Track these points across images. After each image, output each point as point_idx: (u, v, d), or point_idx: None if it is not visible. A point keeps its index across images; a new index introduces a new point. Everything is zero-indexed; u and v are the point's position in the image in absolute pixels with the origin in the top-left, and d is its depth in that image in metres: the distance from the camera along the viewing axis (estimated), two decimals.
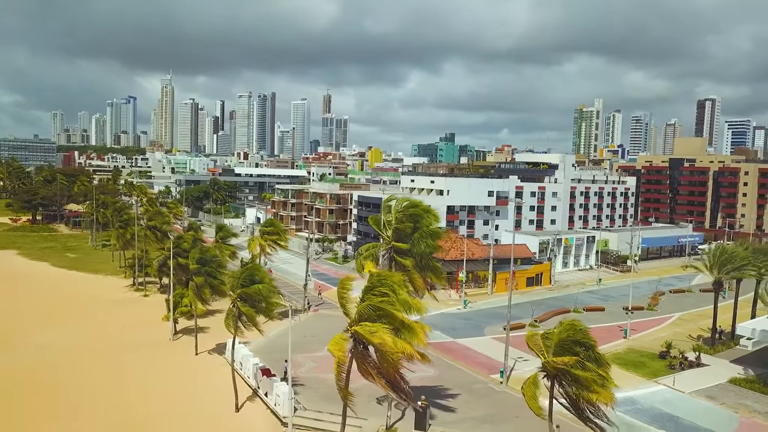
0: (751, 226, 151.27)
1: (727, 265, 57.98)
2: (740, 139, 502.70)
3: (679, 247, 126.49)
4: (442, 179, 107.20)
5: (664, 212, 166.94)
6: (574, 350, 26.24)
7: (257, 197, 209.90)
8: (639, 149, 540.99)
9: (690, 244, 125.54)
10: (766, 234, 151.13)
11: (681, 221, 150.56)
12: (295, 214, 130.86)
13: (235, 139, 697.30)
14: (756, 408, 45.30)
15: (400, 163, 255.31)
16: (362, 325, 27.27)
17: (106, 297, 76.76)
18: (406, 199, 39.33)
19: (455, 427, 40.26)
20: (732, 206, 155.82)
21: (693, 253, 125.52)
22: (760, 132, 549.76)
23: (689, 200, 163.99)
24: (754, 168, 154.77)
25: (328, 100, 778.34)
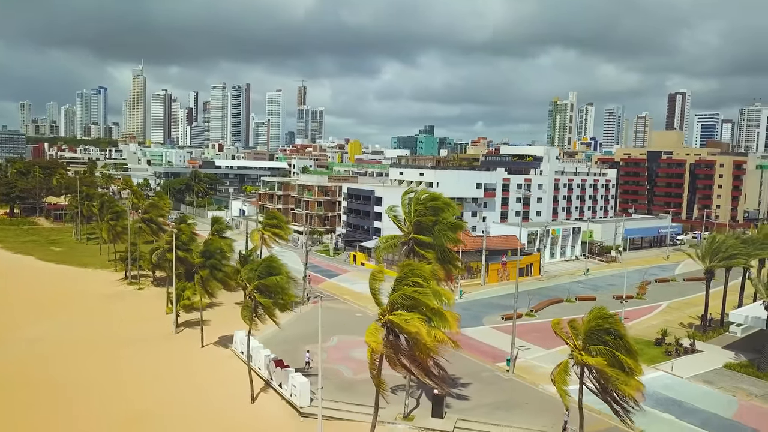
0: (727, 216, 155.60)
1: (719, 254, 59.84)
2: (709, 132, 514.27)
3: (659, 238, 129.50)
4: (431, 171, 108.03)
5: (642, 204, 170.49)
6: (604, 339, 27.18)
7: (238, 190, 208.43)
8: (612, 142, 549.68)
9: (669, 235, 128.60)
10: (740, 224, 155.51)
11: (660, 212, 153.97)
12: (282, 207, 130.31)
13: (210, 131, 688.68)
14: (753, 391, 47.18)
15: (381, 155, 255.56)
16: (396, 314, 27.81)
17: (98, 291, 75.93)
18: (425, 192, 39.91)
19: (470, 414, 41.16)
20: (708, 197, 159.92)
21: (672, 244, 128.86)
22: (728, 125, 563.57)
23: (666, 192, 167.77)
24: (729, 160, 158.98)
25: (303, 92, 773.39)
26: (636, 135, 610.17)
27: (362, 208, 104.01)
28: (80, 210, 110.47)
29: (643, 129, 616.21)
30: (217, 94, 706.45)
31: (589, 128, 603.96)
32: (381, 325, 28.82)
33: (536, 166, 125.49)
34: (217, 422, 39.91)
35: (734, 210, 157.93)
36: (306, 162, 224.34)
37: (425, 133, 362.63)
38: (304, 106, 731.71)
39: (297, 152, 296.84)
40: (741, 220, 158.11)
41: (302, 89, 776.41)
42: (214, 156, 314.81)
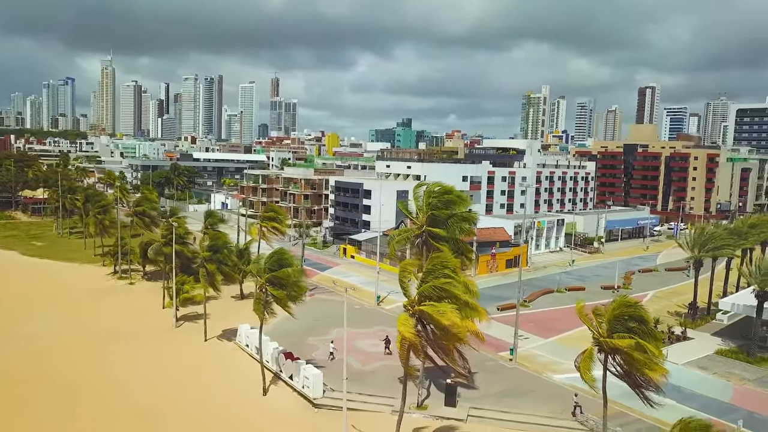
0: (701, 208, 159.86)
1: (707, 245, 61.77)
2: (678, 126, 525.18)
3: (637, 229, 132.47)
4: (419, 164, 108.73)
5: (619, 196, 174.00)
6: (628, 325, 28.20)
7: (216, 183, 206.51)
8: (584, 135, 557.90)
9: (647, 226, 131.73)
10: (713, 215, 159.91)
11: (638, 204, 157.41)
12: (266, 200, 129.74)
13: (181, 123, 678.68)
14: (745, 376, 49.10)
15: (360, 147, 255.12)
16: (428, 305, 28.38)
17: (89, 286, 75.02)
18: (438, 185, 40.47)
19: (480, 402, 42.06)
20: (682, 189, 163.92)
21: (650, 235, 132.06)
22: (694, 119, 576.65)
23: (642, 184, 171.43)
24: (702, 153, 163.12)
25: (276, 84, 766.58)
26: (606, 128, 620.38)
27: (350, 201, 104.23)
28: (62, 204, 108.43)
29: (613, 122, 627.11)
30: (189, 85, 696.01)
31: (560, 121, 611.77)
32: (410, 316, 29.33)
33: (519, 158, 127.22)
34: (231, 415, 40.09)
35: (707, 202, 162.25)
36: (285, 155, 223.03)
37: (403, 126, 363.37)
38: (278, 98, 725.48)
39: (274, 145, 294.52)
40: (714, 212, 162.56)
41: (275, 81, 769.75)
42: (189, 148, 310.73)
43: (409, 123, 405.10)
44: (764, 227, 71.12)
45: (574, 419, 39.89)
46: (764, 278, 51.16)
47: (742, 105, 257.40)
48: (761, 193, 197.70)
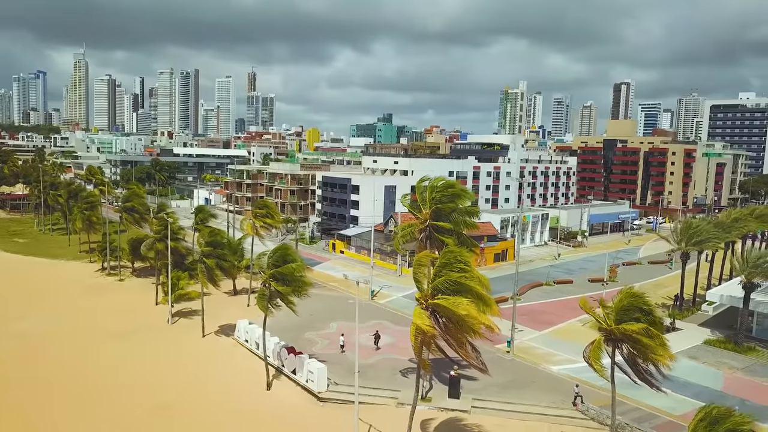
0: (678, 202, 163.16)
1: (694, 238, 63.33)
2: (652, 121, 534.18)
3: (618, 223, 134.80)
4: (406, 160, 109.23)
5: (599, 190, 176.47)
6: (635, 316, 29.09)
7: (197, 178, 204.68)
8: (561, 130, 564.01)
9: (629, 220, 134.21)
10: (690, 209, 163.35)
11: (618, 199, 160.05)
12: (251, 195, 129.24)
13: (157, 118, 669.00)
14: (734, 365, 50.66)
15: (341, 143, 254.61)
16: (443, 298, 28.89)
17: (78, 282, 74.21)
18: (441, 179, 40.96)
19: (482, 393, 42.81)
20: (660, 184, 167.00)
21: (630, 229, 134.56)
22: (667, 114, 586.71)
23: (622, 179, 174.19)
24: (680, 149, 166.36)
25: (252, 78, 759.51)
26: (582, 123, 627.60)
27: (338, 196, 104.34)
28: (43, 200, 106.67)
29: (589, 118, 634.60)
30: (165, 79, 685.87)
31: (537, 117, 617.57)
32: (424, 309, 29.80)
33: (504, 154, 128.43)
34: (237, 410, 40.20)
35: (685, 196, 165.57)
36: (266, 150, 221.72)
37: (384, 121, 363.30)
38: (255, 93, 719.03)
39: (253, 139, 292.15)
40: (690, 206, 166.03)
41: (252, 75, 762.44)
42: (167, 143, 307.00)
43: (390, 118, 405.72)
44: (746, 221, 73.07)
45: (575, 408, 40.85)
46: (752, 270, 52.76)
47: (715, 101, 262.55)
48: (734, 187, 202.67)
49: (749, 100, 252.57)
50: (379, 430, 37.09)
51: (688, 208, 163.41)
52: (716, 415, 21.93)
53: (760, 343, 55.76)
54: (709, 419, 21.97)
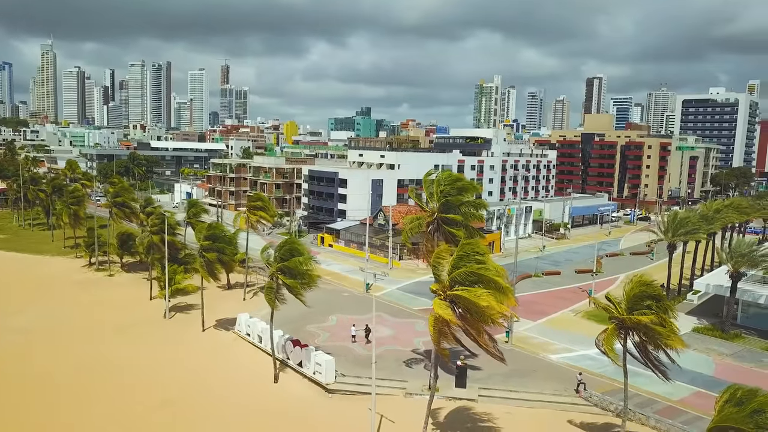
0: (654, 194, 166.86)
1: (681, 230, 65.16)
2: (624, 115, 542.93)
3: (597, 215, 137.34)
4: (392, 153, 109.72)
5: (577, 183, 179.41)
6: (646, 303, 30.17)
7: (175, 172, 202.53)
8: (535, 124, 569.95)
9: (607, 213, 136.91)
10: (665, 202, 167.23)
11: (595, 192, 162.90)
12: (235, 189, 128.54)
13: (128, 111, 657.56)
14: (723, 351, 52.49)
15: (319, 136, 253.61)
16: (463, 289, 29.55)
17: (66, 278, 73.26)
18: (448, 173, 41.60)
19: (487, 382, 43.72)
20: (637, 177, 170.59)
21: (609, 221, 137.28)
22: (637, 108, 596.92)
23: (599, 172, 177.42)
24: (656, 142, 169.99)
25: (226, 71, 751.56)
26: (555, 117, 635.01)
27: (325, 190, 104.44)
28: (23, 194, 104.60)
29: (562, 112, 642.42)
30: (136, 72, 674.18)
31: (511, 111, 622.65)
32: (443, 299, 30.43)
33: (487, 147, 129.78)
34: (246, 404, 40.38)
35: (660, 188, 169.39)
36: (245, 143, 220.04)
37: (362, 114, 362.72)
38: (228, 86, 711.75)
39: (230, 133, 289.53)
40: (666, 198, 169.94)
41: (225, 68, 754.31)
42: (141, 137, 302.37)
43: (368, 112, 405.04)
44: (727, 212, 75.36)
45: (578, 395, 42.01)
46: (739, 260, 54.64)
47: (686, 96, 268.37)
48: (706, 180, 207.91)
49: (719, 95, 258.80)
50: (391, 420, 37.67)
51: (664, 200, 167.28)
52: (741, 396, 23.00)
53: (746, 331, 57.83)
54: (734, 400, 23.03)
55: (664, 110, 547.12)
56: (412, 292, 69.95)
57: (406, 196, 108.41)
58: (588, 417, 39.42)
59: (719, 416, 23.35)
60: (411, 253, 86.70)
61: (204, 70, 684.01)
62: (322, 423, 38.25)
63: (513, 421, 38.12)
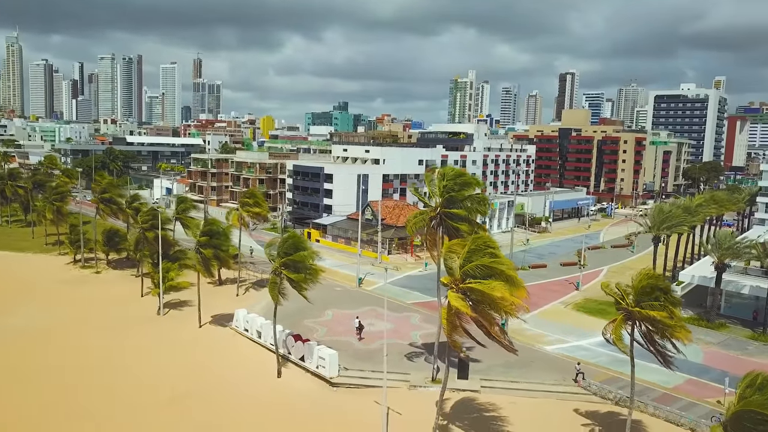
0: (630, 188, 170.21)
1: (666, 223, 66.88)
2: (596, 110, 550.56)
3: (575, 209, 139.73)
4: (377, 148, 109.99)
5: (555, 178, 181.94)
6: (654, 294, 31.12)
7: (151, 167, 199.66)
8: (509, 119, 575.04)
9: (588, 206, 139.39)
10: (641, 195, 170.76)
11: (573, 186, 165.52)
12: (217, 185, 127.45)
13: (98, 105, 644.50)
14: (710, 341, 54.21)
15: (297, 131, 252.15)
16: (479, 282, 30.15)
17: (52, 276, 72.03)
18: (451, 168, 42.14)
19: (489, 373, 44.56)
20: (613, 171, 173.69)
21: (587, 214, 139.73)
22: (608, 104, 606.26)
23: (576, 166, 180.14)
24: (631, 137, 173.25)
25: (198, 65, 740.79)
26: (527, 112, 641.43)
27: (310, 185, 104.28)
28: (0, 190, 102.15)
29: (535, 107, 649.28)
30: (106, 65, 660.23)
31: (485, 106, 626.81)
32: (456, 292, 30.99)
33: (469, 142, 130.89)
34: (252, 399, 40.46)
35: (636, 183, 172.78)
36: (222, 138, 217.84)
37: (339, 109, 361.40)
38: (201, 80, 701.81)
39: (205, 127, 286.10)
40: (641, 192, 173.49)
41: (197, 62, 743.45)
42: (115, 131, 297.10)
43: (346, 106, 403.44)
44: (708, 206, 77.48)
45: (576, 385, 43.08)
46: (724, 252, 56.40)
47: (658, 91, 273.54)
48: (678, 174, 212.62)
49: (690, 91, 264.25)
50: (398, 412, 38.10)
51: (639, 194, 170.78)
52: (761, 382, 23.99)
53: (729, 320, 59.77)
54: (755, 386, 24.03)
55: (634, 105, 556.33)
56: (404, 287, 70.49)
57: (390, 191, 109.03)
58: (591, 405, 40.54)
59: (742, 402, 24.27)
60: (399, 248, 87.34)
61: (176, 64, 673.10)
62: (330, 416, 38.59)
63: (518, 411, 38.97)
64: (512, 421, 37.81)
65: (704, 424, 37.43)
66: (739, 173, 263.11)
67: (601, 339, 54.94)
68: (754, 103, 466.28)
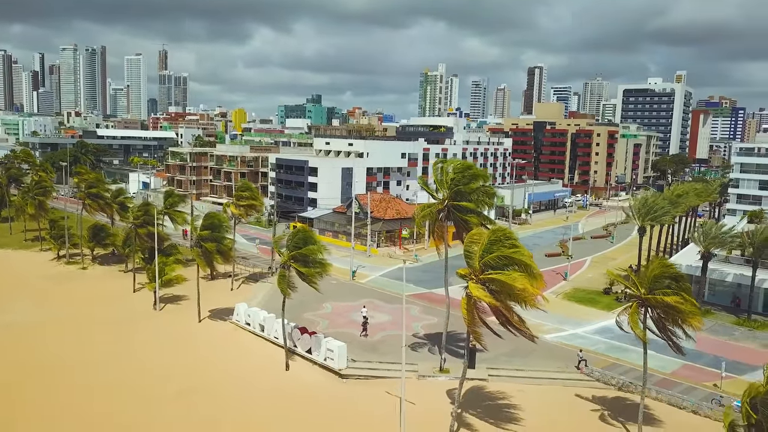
0: (603, 180, 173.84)
1: (651, 214, 68.71)
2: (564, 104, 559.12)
3: (552, 201, 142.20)
4: (361, 142, 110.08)
5: (530, 170, 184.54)
6: (667, 283, 32.26)
7: (123, 161, 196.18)
8: (479, 112, 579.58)
9: (565, 198, 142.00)
10: (613, 187, 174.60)
11: (549, 178, 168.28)
12: (196, 179, 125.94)
13: (60, 97, 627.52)
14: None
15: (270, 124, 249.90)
16: (500, 272, 30.83)
17: (36, 272, 70.50)
18: (455, 161, 42.73)
19: (495, 362, 45.42)
20: (587, 164, 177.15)
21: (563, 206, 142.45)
22: (575, 97, 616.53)
23: (551, 159, 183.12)
24: (604, 130, 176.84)
25: (164, 56, 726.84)
26: (496, 106, 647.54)
27: (294, 178, 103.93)
28: None
29: (503, 100, 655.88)
30: (68, 56, 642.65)
31: (454, 99, 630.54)
32: (476, 282, 31.62)
33: (449, 136, 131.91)
34: (264, 392, 40.51)
35: (608, 175, 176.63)
36: (195, 131, 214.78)
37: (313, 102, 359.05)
38: (167, 72, 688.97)
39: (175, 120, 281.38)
40: (613, 184, 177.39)
41: (163, 53, 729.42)
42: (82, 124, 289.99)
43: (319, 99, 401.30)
44: (688, 196, 79.88)
45: (579, 372, 44.30)
46: (710, 241, 58.39)
47: (627, 85, 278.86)
48: (648, 166, 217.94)
49: (657, 85, 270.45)
50: (411, 401, 38.65)
51: (612, 186, 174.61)
52: None
53: (713, 308, 61.90)
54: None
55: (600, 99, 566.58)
56: (398, 279, 70.89)
57: (374, 184, 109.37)
58: (596, 391, 41.75)
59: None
60: (387, 241, 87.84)
61: (141, 56, 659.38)
62: (342, 407, 38.91)
63: (527, 398, 39.93)
64: (524, 408, 38.74)
65: (705, 406, 38.95)
66: (703, 165, 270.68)
67: (595, 327, 57.06)
68: (713, 97, 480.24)
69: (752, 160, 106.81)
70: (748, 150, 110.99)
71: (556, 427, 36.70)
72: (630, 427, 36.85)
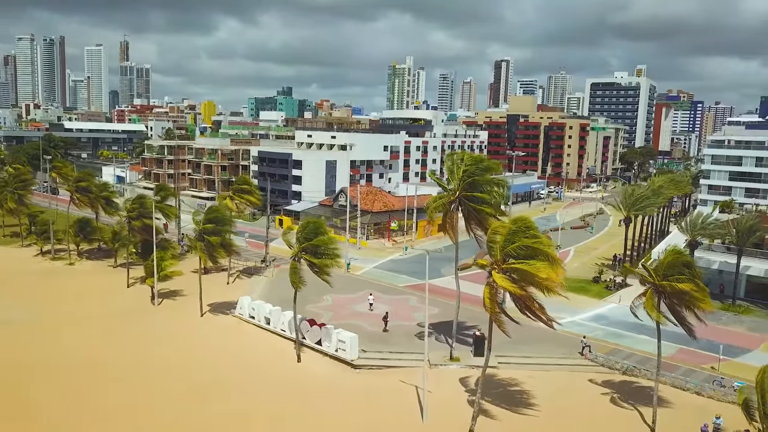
0: (575, 172, 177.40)
1: (636, 205, 70.85)
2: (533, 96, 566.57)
3: (528, 193, 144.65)
4: (344, 134, 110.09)
5: (504, 163, 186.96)
6: (681, 270, 33.64)
7: (91, 155, 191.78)
8: (446, 105, 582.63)
9: (540, 190, 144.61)
10: (584, 179, 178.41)
11: (524, 171, 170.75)
12: (174, 172, 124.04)
13: (17, 89, 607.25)
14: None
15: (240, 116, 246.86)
16: (522, 262, 31.67)
17: (23, 268, 68.94)
18: (466, 153, 43.41)
19: (501, 350, 46.24)
20: (559, 156, 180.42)
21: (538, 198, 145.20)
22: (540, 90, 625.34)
23: (524, 151, 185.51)
24: (576, 123, 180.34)
25: (125, 47, 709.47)
26: (462, 99, 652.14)
27: (278, 171, 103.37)
28: None
29: (469, 93, 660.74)
30: (25, 46, 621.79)
31: (421, 92, 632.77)
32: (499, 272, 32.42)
33: (429, 128, 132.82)
34: (278, 384, 40.65)
35: (580, 167, 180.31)
36: (165, 124, 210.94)
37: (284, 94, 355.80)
38: (128, 63, 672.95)
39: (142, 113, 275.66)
40: (584, 175, 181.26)
41: (124, 44, 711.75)
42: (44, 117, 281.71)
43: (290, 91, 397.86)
44: (668, 187, 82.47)
45: (583, 357, 45.67)
46: (697, 231, 60.59)
47: (595, 79, 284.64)
48: (616, 158, 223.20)
49: (623, 79, 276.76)
50: (429, 390, 39.33)
51: (583, 178, 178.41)
52: None
53: None
54: None
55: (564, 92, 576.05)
56: (391, 270, 71.67)
57: (357, 176, 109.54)
58: (602, 376, 43.20)
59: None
60: (376, 233, 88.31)
61: (102, 46, 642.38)
62: (358, 397, 39.34)
63: (538, 384, 41.06)
64: (536, 393, 39.86)
65: (708, 387, 40.70)
66: (666, 157, 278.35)
67: (590, 314, 58.72)
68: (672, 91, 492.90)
69: (723, 152, 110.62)
70: (718, 142, 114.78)
71: (573, 412, 37.87)
72: (641, 409, 38.27)
